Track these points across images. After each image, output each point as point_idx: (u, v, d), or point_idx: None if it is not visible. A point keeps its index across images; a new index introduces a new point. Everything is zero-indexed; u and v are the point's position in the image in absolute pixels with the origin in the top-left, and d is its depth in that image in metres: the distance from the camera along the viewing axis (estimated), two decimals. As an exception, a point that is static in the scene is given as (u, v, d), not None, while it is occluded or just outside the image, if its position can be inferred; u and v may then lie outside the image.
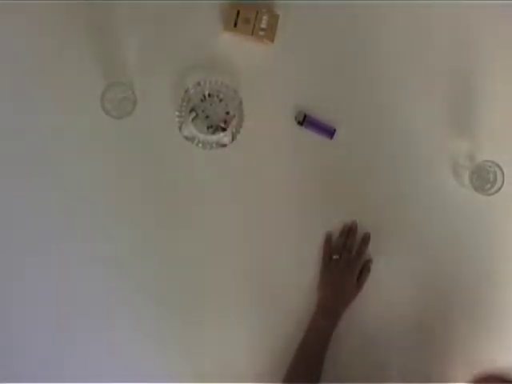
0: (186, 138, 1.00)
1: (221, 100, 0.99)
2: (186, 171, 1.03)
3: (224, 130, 0.99)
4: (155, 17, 1.03)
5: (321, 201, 1.04)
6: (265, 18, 1.00)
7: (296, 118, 1.04)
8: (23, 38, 1.02)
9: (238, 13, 1.01)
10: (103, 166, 1.03)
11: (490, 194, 0.98)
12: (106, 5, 1.02)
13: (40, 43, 1.02)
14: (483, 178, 1.00)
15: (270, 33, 1.01)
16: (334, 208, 1.05)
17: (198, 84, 0.99)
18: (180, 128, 1.00)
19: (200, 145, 1.00)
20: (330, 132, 1.04)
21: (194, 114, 0.98)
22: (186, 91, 0.99)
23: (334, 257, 1.01)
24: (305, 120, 1.03)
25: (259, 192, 1.04)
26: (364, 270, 1.03)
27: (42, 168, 1.02)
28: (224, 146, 1.00)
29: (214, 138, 1.00)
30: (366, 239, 1.03)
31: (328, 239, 1.04)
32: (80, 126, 1.02)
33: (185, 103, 0.99)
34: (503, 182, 0.96)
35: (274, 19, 1.01)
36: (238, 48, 1.03)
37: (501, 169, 0.96)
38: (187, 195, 1.03)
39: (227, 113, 0.99)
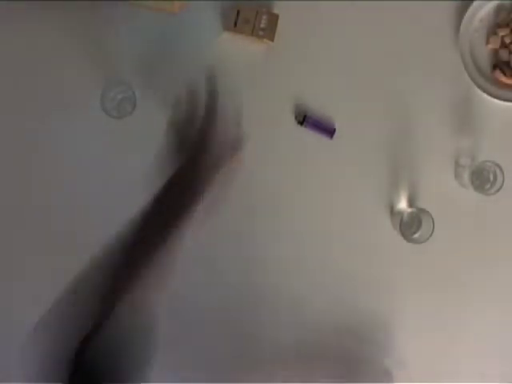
0: (186, 138, 1.00)
1: (221, 100, 0.99)
2: (185, 171, 1.03)
3: (224, 129, 0.99)
4: (155, 17, 1.03)
5: (320, 201, 1.04)
6: (264, 17, 1.00)
7: (296, 118, 1.04)
8: (23, 38, 1.02)
9: (238, 13, 1.01)
10: (103, 166, 1.03)
11: (489, 194, 0.98)
12: (106, 4, 1.02)
13: (40, 43, 1.02)
14: (483, 178, 1.00)
15: (270, 33, 1.01)
16: (333, 208, 1.05)
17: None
18: (180, 128, 1.00)
19: (200, 145, 1.00)
20: (330, 132, 1.04)
21: (193, 114, 0.98)
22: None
23: None
24: (305, 120, 1.03)
25: (259, 192, 1.04)
26: None
27: (41, 168, 1.02)
28: (224, 145, 1.00)
29: (214, 137, 0.99)
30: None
31: None
32: (80, 126, 1.02)
33: (185, 103, 0.99)
34: (503, 182, 0.96)
35: (273, 19, 1.01)
36: (238, 48, 1.03)
37: (501, 169, 0.96)
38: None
39: (227, 113, 0.99)
